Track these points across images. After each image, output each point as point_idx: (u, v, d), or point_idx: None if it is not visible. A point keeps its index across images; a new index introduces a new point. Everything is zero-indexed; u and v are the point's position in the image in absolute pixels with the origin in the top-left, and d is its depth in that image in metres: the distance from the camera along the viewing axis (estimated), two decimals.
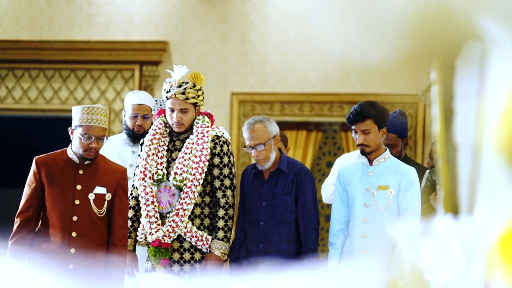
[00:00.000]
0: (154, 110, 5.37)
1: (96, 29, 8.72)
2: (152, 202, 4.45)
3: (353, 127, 4.30)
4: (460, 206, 1.67)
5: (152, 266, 4.46)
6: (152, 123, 4.87)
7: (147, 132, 4.89)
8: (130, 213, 4.56)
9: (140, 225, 4.54)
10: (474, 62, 1.63)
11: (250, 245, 4.41)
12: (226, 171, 4.51)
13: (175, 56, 8.59)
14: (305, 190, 4.40)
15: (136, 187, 4.57)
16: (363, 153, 4.32)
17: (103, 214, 4.27)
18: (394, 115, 4.80)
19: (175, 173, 4.45)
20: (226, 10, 8.61)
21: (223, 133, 4.60)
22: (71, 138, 4.32)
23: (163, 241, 4.41)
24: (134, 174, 4.62)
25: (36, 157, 4.37)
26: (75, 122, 4.28)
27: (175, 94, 4.46)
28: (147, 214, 4.45)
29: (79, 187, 4.26)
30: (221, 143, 4.52)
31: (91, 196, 4.25)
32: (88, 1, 8.75)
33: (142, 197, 4.49)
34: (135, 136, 4.99)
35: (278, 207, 4.39)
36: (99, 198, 4.27)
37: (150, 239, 4.43)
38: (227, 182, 4.49)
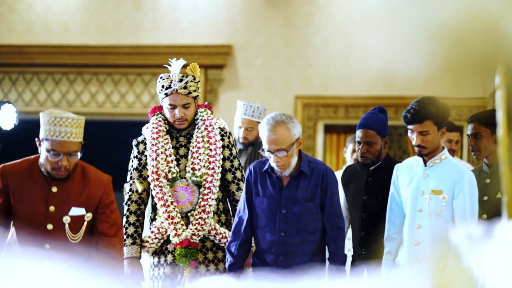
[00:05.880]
0: (244, 114, 5.32)
1: (162, 34, 8.83)
2: (172, 203, 4.13)
3: (409, 127, 3.93)
4: None
5: (172, 271, 4.13)
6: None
7: None
8: (132, 218, 4.20)
9: (149, 231, 4.20)
10: None
11: (267, 256, 3.89)
12: (236, 163, 4.28)
13: (239, 60, 8.63)
14: (332, 194, 3.87)
15: (136, 190, 4.24)
16: (419, 154, 3.96)
17: (78, 240, 3.61)
18: (373, 111, 4.43)
19: (193, 169, 4.16)
20: (291, 14, 8.61)
21: (224, 125, 4.35)
22: (39, 151, 3.60)
23: (191, 241, 4.11)
24: (131, 177, 4.28)
25: (2, 165, 3.64)
26: (41, 133, 3.54)
27: (176, 90, 4.16)
28: (168, 216, 4.12)
29: (52, 208, 3.57)
30: (228, 134, 4.28)
31: (66, 220, 3.58)
32: (154, 6, 8.88)
33: (159, 198, 4.14)
34: None
35: (301, 215, 3.84)
36: (76, 220, 3.61)
37: (176, 240, 4.10)
38: (238, 174, 4.26)
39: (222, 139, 4.25)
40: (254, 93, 8.49)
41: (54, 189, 3.57)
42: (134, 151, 4.29)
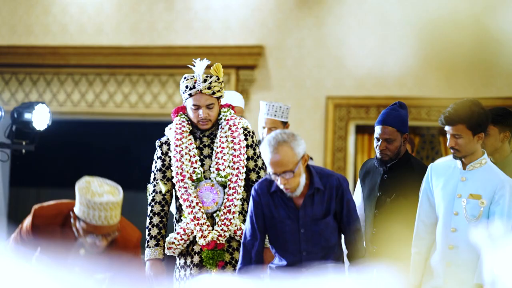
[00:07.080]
0: (267, 114, 5.31)
1: (194, 35, 8.87)
2: (197, 204, 4.13)
3: (445, 127, 3.88)
4: None
5: (199, 272, 4.12)
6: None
7: None
8: (155, 219, 4.19)
9: (174, 232, 4.21)
10: None
11: (290, 270, 3.72)
12: (260, 162, 4.27)
13: (270, 60, 8.64)
14: (348, 200, 3.74)
15: (159, 191, 4.23)
16: (455, 157, 3.91)
17: None
18: (393, 107, 4.28)
19: (218, 169, 4.17)
20: (323, 14, 8.60)
21: (247, 125, 4.37)
22: (73, 226, 3.38)
23: (218, 242, 4.11)
24: (154, 178, 4.27)
25: (36, 209, 3.45)
26: (77, 211, 3.31)
27: (200, 90, 4.16)
28: (194, 217, 4.11)
29: (76, 269, 3.42)
30: (251, 134, 4.29)
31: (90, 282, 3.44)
32: (186, 7, 8.93)
33: (185, 199, 4.13)
34: None
35: (321, 232, 3.71)
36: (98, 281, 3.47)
37: (203, 242, 4.09)
38: (262, 173, 4.23)
39: (246, 139, 4.25)
40: (285, 94, 8.50)
41: (82, 252, 3.40)
42: (158, 152, 4.30)
